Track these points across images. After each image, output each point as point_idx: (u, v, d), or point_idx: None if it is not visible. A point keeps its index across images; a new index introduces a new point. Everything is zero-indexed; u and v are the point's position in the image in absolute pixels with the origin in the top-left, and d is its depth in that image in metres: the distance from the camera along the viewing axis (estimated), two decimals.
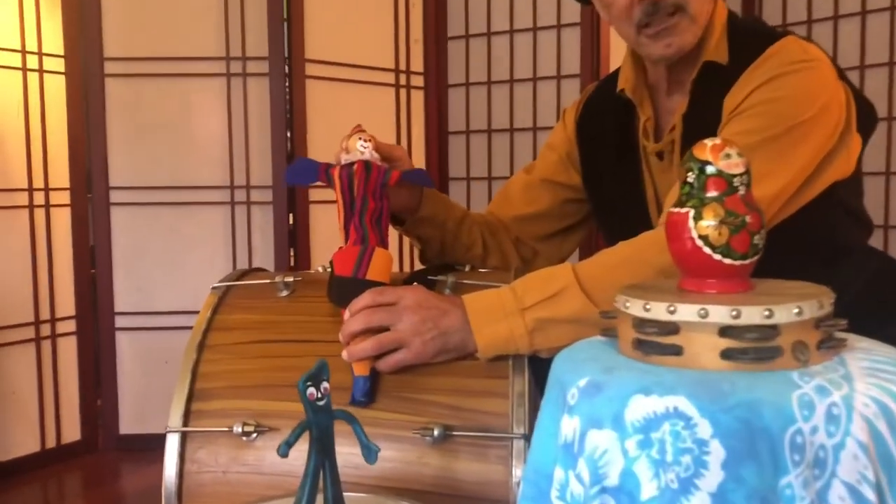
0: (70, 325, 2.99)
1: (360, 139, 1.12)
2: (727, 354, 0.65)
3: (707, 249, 0.69)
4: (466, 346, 1.00)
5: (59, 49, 2.93)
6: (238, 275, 1.21)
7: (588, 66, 3.24)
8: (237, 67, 3.03)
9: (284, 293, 1.14)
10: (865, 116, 1.17)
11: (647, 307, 0.68)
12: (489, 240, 1.35)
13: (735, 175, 0.70)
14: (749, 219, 0.69)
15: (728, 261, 0.69)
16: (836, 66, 1.15)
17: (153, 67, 2.99)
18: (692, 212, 0.70)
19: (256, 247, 3.07)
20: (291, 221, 3.08)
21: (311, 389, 0.76)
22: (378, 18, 3.27)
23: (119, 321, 3.04)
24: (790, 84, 1.08)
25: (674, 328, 0.66)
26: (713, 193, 0.70)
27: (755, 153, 0.90)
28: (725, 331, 0.65)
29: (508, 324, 0.98)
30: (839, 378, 0.64)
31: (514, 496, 0.91)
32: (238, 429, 0.98)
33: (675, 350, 0.67)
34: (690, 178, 0.71)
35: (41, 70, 2.88)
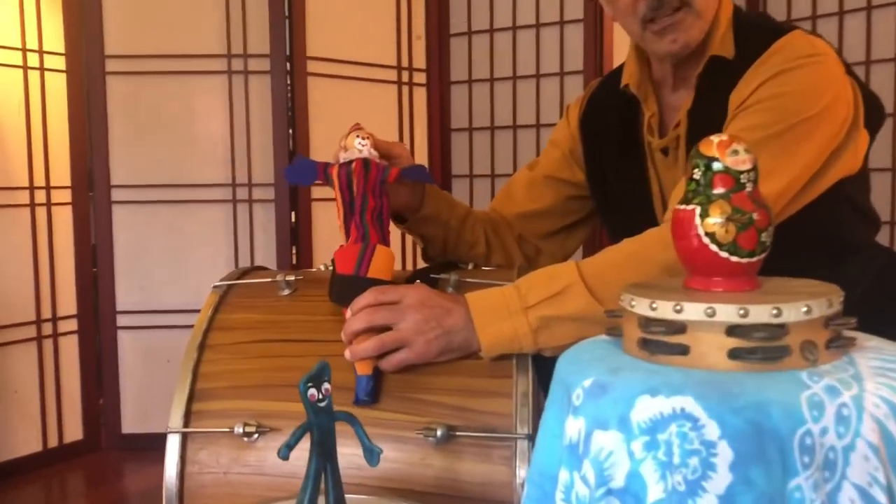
0: (72, 324, 2.98)
1: (358, 137, 1.11)
2: (735, 354, 0.64)
3: (714, 247, 0.68)
4: (470, 345, 0.99)
5: (60, 47, 2.92)
6: (239, 273, 1.20)
7: (591, 63, 3.23)
8: (239, 65, 3.02)
9: (286, 292, 1.13)
10: (873, 112, 1.16)
11: (654, 306, 0.67)
12: (492, 237, 1.34)
13: (742, 171, 0.69)
14: (756, 216, 0.68)
15: (735, 258, 0.68)
16: (844, 61, 1.14)
17: (154, 65, 2.98)
18: (698, 209, 0.69)
19: (258, 245, 3.06)
20: (293, 219, 3.07)
21: (312, 390, 0.75)
22: (380, 15, 3.26)
23: (121, 320, 3.03)
24: (797, 79, 1.07)
25: (680, 327, 0.66)
26: (720, 190, 0.69)
27: (761, 149, 0.89)
28: (733, 330, 0.64)
29: (512, 322, 0.97)
30: (849, 378, 0.63)
31: (518, 497, 0.91)
32: (239, 429, 0.97)
33: (682, 349, 0.66)
34: (696, 175, 0.70)
35: (42, 68, 2.87)
